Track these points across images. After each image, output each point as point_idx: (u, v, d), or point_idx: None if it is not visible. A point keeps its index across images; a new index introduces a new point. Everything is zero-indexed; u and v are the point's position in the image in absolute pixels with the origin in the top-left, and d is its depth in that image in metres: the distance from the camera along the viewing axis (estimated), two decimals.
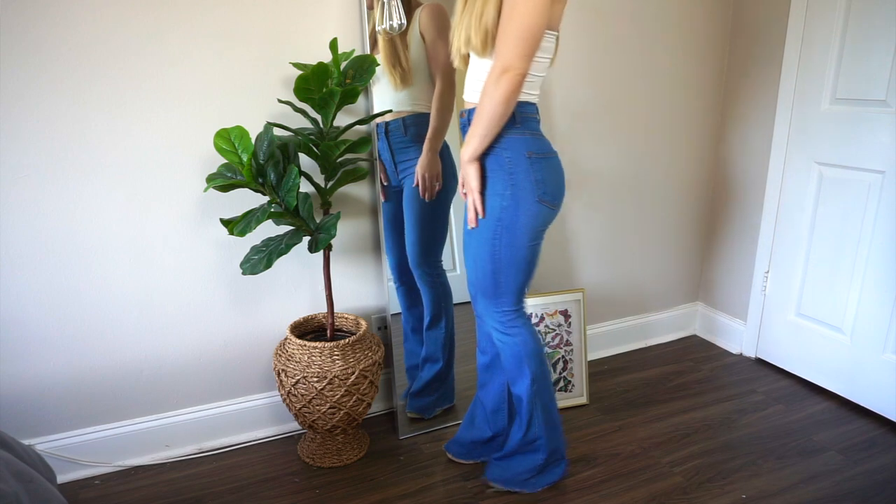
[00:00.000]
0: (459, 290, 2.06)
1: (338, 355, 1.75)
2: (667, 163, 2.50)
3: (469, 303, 1.84)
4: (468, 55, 1.55)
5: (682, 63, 2.41)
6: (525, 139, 1.50)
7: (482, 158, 1.53)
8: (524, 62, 1.40)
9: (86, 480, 1.83)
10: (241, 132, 1.56)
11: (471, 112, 1.54)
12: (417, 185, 1.93)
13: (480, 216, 1.54)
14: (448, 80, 1.91)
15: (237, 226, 1.58)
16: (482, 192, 1.53)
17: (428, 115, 1.92)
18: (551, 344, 2.19)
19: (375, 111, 1.88)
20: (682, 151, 2.52)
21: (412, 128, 1.91)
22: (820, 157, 2.20)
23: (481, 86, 1.47)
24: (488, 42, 1.44)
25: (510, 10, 1.38)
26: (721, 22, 2.43)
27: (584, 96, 2.26)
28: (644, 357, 2.58)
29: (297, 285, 1.99)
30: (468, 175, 1.52)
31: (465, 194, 1.58)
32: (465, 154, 1.50)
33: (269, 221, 1.82)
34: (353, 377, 1.75)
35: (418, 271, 2.01)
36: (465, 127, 1.59)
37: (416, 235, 1.97)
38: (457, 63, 1.60)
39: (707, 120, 2.54)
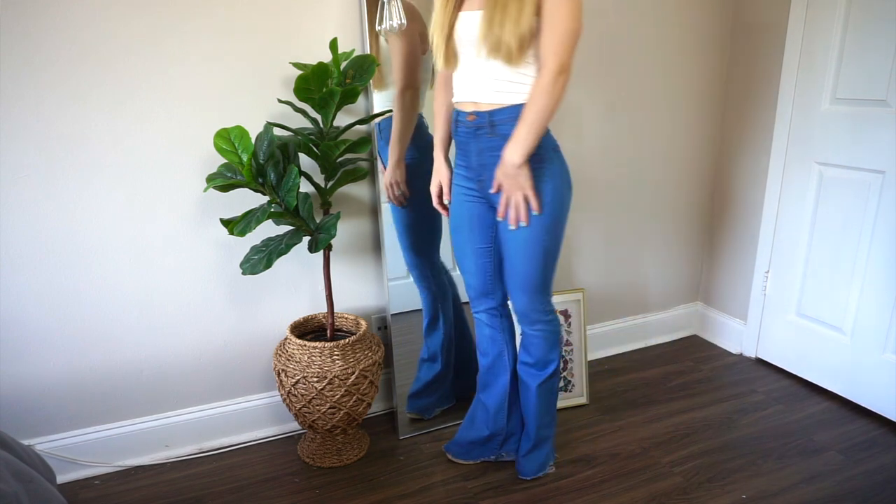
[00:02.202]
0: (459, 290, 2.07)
1: (338, 355, 1.75)
2: (667, 163, 2.50)
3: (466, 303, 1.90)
4: (450, 57, 1.54)
5: (682, 63, 2.41)
6: (548, 135, 1.56)
7: (490, 157, 1.56)
8: (571, 63, 1.46)
9: (86, 480, 1.83)
10: (241, 132, 1.56)
11: (484, 114, 1.52)
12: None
13: (536, 212, 1.54)
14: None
15: (237, 226, 1.58)
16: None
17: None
18: None
19: (375, 111, 1.88)
20: (682, 151, 2.52)
21: (385, 131, 1.91)
22: (820, 157, 2.20)
23: (505, 86, 1.49)
24: (524, 47, 1.44)
25: (558, 13, 1.41)
26: (721, 22, 2.43)
27: (584, 96, 2.26)
28: (644, 357, 2.58)
29: (297, 285, 1.99)
30: (521, 176, 1.49)
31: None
32: (519, 156, 1.47)
33: (269, 221, 1.82)
34: (353, 377, 1.75)
35: (414, 273, 2.01)
36: (478, 129, 1.55)
37: (404, 238, 1.98)
38: (440, 64, 1.57)
39: (707, 119, 2.54)
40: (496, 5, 1.42)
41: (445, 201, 1.77)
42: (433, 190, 1.77)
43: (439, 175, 1.75)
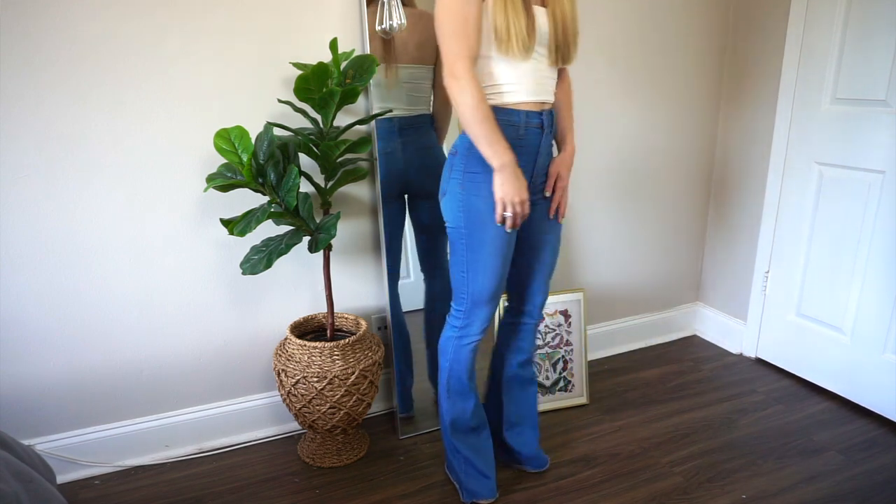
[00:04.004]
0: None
1: (338, 355, 1.75)
2: (667, 163, 2.50)
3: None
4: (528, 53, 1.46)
5: (682, 64, 2.41)
6: None
7: (548, 157, 1.56)
8: None
9: (86, 480, 1.83)
10: (241, 132, 1.56)
11: (549, 113, 1.52)
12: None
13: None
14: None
15: (237, 226, 1.58)
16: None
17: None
18: (551, 344, 2.19)
19: (375, 111, 1.88)
20: (682, 151, 2.52)
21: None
22: (820, 157, 2.20)
23: (552, 85, 1.52)
24: None
25: None
26: (721, 22, 2.43)
27: (583, 96, 2.25)
28: (644, 357, 2.58)
29: (297, 285, 1.99)
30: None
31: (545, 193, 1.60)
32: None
33: (269, 221, 1.82)
34: (353, 377, 1.75)
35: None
36: (542, 129, 1.50)
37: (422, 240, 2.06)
38: (517, 58, 1.42)
39: (707, 120, 2.54)
40: (573, 5, 1.45)
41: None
42: (523, 200, 1.45)
43: (524, 183, 1.45)
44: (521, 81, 1.45)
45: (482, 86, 1.43)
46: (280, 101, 1.73)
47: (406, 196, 1.98)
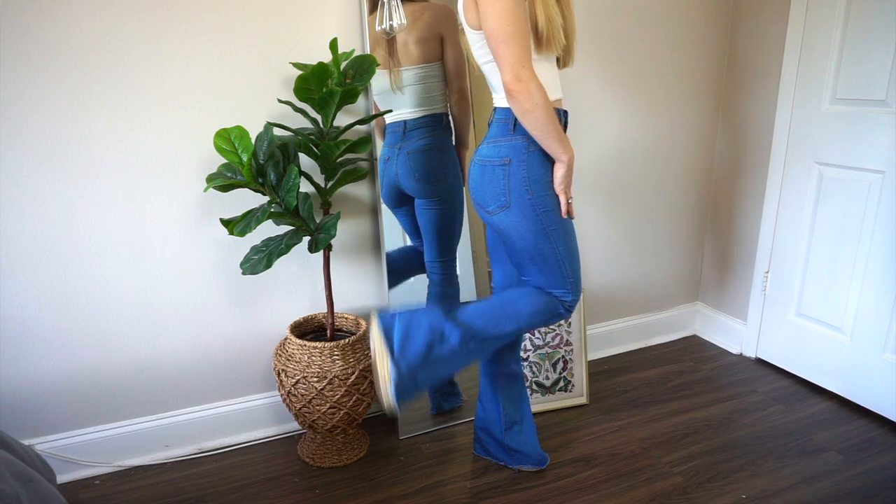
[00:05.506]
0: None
1: (338, 355, 1.75)
2: (667, 162, 2.50)
3: None
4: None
5: (682, 63, 2.41)
6: None
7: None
8: None
9: (86, 480, 1.83)
10: (241, 132, 1.56)
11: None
12: None
13: None
14: None
15: (237, 226, 1.58)
16: None
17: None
18: (551, 344, 2.19)
19: (376, 111, 1.88)
20: (682, 151, 2.53)
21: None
22: (820, 157, 2.20)
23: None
24: None
25: None
26: (721, 22, 2.44)
27: (583, 95, 2.26)
28: (644, 357, 2.58)
29: (297, 285, 1.99)
30: None
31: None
32: None
33: (269, 221, 1.82)
34: (353, 377, 1.75)
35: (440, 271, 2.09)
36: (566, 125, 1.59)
37: (436, 237, 2.06)
38: (560, 58, 1.56)
39: (706, 120, 2.54)
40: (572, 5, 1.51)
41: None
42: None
43: None
44: (554, 81, 1.52)
45: None
46: (280, 101, 1.73)
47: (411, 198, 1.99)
